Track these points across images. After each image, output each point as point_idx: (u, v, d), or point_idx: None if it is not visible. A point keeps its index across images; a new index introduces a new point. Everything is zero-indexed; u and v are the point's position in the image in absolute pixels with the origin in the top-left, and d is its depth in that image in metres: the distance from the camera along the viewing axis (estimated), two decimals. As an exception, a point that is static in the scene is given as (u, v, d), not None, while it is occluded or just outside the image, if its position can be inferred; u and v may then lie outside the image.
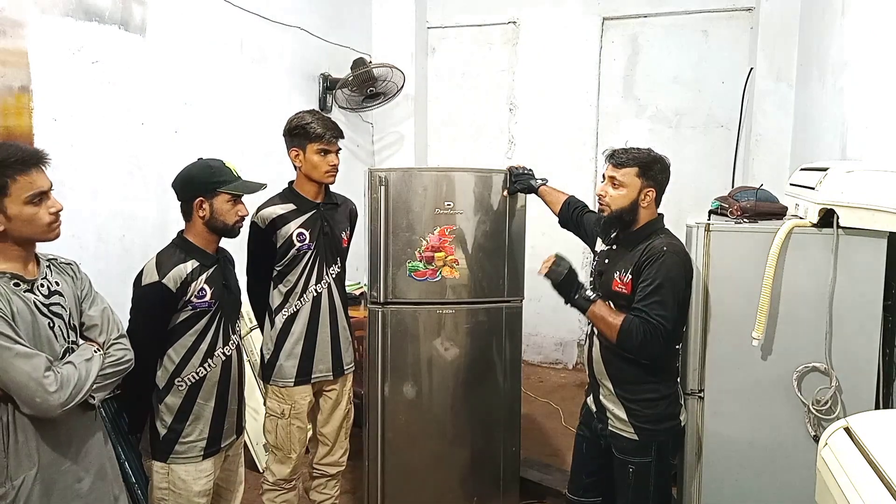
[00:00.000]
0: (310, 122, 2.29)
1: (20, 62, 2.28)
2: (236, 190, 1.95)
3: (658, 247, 1.95)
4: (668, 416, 2.04)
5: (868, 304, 1.98)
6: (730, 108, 4.35)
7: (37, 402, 1.44)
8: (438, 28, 5.01)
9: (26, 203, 1.48)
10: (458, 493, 2.79)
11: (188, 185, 1.94)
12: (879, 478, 1.21)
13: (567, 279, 2.04)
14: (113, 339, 1.68)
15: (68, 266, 1.70)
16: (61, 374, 1.48)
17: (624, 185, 2.00)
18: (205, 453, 1.97)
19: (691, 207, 2.65)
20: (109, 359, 1.64)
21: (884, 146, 2.25)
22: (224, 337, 2.00)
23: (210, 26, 3.19)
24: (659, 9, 4.49)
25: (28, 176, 1.48)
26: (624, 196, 2.00)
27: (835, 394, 2.00)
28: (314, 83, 4.17)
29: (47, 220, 1.53)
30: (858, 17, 2.63)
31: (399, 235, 2.62)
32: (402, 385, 2.71)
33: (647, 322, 1.90)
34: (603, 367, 2.08)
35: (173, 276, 1.86)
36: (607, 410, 2.08)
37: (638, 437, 2.01)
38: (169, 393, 1.93)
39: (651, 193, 2.00)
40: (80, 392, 1.51)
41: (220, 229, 1.96)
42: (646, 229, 2.03)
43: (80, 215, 2.54)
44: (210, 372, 1.96)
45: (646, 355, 1.96)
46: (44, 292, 1.55)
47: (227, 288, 2.03)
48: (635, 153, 2.01)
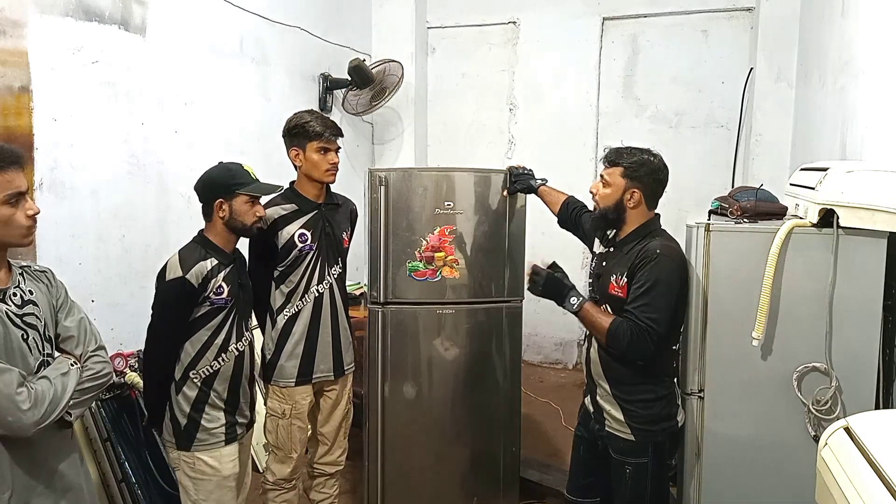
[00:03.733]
0: (308, 120, 2.29)
1: (20, 62, 2.28)
2: (254, 191, 2.02)
3: (652, 249, 1.94)
4: (665, 417, 2.04)
5: (868, 304, 1.98)
6: (730, 108, 4.36)
7: (9, 420, 1.35)
8: (438, 28, 5.01)
9: (3, 203, 1.40)
10: (458, 493, 2.79)
11: (209, 187, 2.02)
12: (879, 478, 1.21)
13: (551, 287, 2.06)
14: (91, 350, 1.60)
15: (42, 274, 1.60)
16: (35, 391, 1.39)
17: (610, 185, 2.01)
18: (226, 439, 2.04)
19: (691, 207, 2.65)
20: (87, 372, 1.55)
21: (884, 146, 2.25)
22: (238, 333, 2.07)
23: (210, 26, 3.19)
24: (659, 9, 4.49)
25: (5, 174, 1.40)
26: (609, 195, 2.01)
27: (835, 394, 1.99)
28: (314, 83, 4.17)
29: (25, 223, 1.44)
30: (858, 17, 2.63)
31: (399, 235, 2.62)
32: (402, 385, 2.71)
33: (635, 324, 1.91)
34: (600, 367, 2.08)
35: (196, 272, 1.93)
36: (604, 411, 2.08)
37: (634, 438, 2.01)
38: (185, 384, 1.99)
39: (636, 194, 1.99)
40: (56, 409, 1.43)
41: (238, 229, 2.04)
42: (641, 231, 2.02)
43: (80, 215, 2.54)
44: (224, 366, 2.03)
45: (635, 357, 1.96)
46: (17, 302, 1.46)
47: (242, 287, 2.11)
48: (625, 153, 2.01)
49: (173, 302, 1.94)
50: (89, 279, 2.58)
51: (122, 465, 2.48)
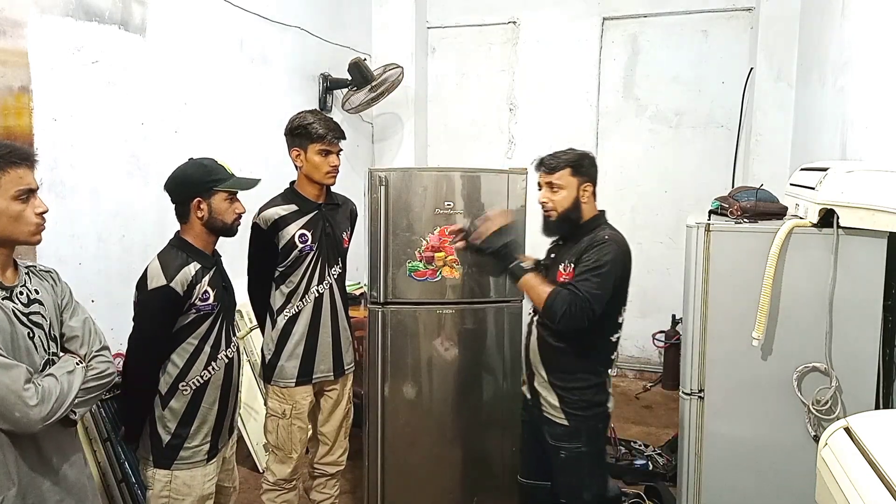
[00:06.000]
0: (312, 122, 2.28)
1: (20, 62, 2.28)
2: (233, 187, 1.92)
3: (601, 236, 2.05)
4: (597, 404, 2.12)
5: (868, 304, 1.98)
6: (730, 108, 4.35)
7: (16, 416, 1.36)
8: (438, 28, 5.01)
9: (14, 199, 1.43)
10: (458, 493, 2.79)
11: (184, 185, 1.90)
12: (879, 478, 1.21)
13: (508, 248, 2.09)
14: (95, 350, 1.61)
15: (48, 274, 1.62)
16: (42, 387, 1.41)
17: (562, 188, 2.09)
18: (208, 456, 1.95)
19: (691, 207, 2.65)
20: (92, 372, 1.57)
21: (884, 146, 2.25)
22: (226, 339, 1.99)
23: (210, 26, 3.19)
24: (659, 9, 4.49)
25: (17, 171, 1.43)
26: (566, 197, 2.10)
27: (835, 394, 2.00)
28: (314, 83, 4.17)
29: (33, 221, 1.47)
30: (858, 17, 2.63)
31: (399, 235, 2.62)
32: (402, 385, 2.71)
33: (574, 294, 1.95)
34: (539, 355, 2.16)
35: (180, 279, 1.83)
36: (541, 397, 2.17)
37: (568, 423, 2.09)
38: (173, 398, 1.89)
39: (589, 188, 2.11)
40: (62, 406, 1.44)
41: (219, 229, 1.93)
42: (590, 224, 2.12)
43: (80, 215, 2.54)
44: (214, 375, 1.94)
45: (568, 328, 1.99)
46: (23, 300, 1.48)
47: (227, 289, 2.01)
48: (562, 155, 2.11)
49: (158, 313, 1.83)
50: (89, 279, 2.58)
51: (121, 465, 2.48)
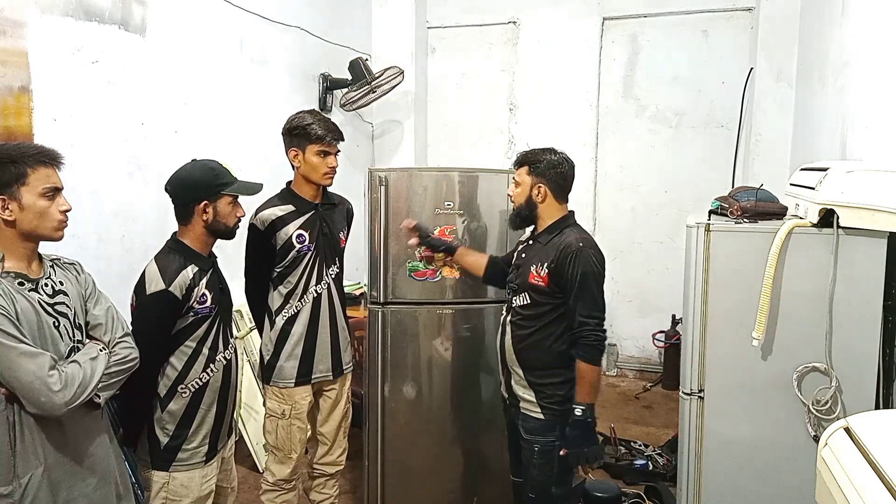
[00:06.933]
0: (311, 122, 2.28)
1: (20, 62, 2.28)
2: (241, 192, 1.94)
3: (574, 243, 2.08)
4: (571, 398, 2.14)
5: (868, 304, 1.98)
6: (730, 108, 4.36)
7: (42, 401, 1.44)
8: (438, 28, 5.01)
9: (41, 196, 1.52)
10: (458, 493, 2.79)
11: (191, 187, 1.90)
12: (879, 478, 1.21)
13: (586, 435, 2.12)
14: (118, 337, 1.68)
15: (71, 266, 1.71)
16: (66, 373, 1.48)
17: (519, 184, 2.17)
18: (206, 458, 1.95)
19: (691, 207, 2.65)
20: (115, 357, 1.63)
21: (884, 146, 2.25)
22: (224, 341, 1.99)
23: (210, 26, 3.19)
24: (659, 9, 4.49)
25: (46, 169, 1.54)
26: (520, 193, 2.18)
27: (835, 394, 1.99)
28: (314, 83, 4.17)
29: (58, 217, 1.56)
30: (858, 17, 2.63)
31: (399, 235, 2.62)
32: (402, 385, 2.71)
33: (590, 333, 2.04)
34: (514, 355, 2.20)
35: (179, 282, 1.83)
36: (517, 396, 2.21)
37: (544, 417, 2.15)
38: (172, 400, 1.89)
39: (542, 189, 2.13)
40: (85, 391, 1.51)
41: (221, 232, 1.94)
42: (558, 225, 2.16)
43: (80, 215, 2.53)
44: (212, 377, 1.94)
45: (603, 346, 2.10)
46: (48, 291, 1.56)
47: (223, 291, 2.01)
48: (530, 154, 2.17)
49: (157, 317, 1.83)
50: (89, 279, 2.58)
51: (122, 465, 2.48)
